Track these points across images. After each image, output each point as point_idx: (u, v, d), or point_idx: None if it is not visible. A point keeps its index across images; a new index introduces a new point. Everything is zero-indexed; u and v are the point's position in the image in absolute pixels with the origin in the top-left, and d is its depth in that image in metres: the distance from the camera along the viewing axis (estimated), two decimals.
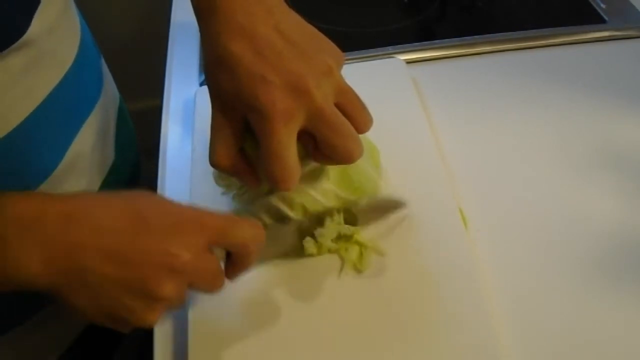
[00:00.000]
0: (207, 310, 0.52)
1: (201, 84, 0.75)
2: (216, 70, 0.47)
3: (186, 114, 0.72)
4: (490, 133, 0.68)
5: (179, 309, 0.49)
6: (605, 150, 0.65)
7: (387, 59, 0.74)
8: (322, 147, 0.47)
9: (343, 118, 0.47)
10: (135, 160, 0.78)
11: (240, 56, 0.45)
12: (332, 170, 0.53)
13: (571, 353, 0.50)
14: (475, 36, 0.79)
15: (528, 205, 0.60)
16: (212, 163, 0.49)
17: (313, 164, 0.51)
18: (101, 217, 0.42)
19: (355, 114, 0.48)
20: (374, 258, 0.54)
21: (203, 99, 0.53)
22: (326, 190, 0.53)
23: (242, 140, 0.49)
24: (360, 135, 0.49)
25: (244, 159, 0.50)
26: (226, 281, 0.47)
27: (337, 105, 0.47)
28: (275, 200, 0.52)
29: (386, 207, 0.56)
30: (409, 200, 0.56)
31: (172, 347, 0.52)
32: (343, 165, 0.51)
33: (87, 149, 0.62)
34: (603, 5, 0.83)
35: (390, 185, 0.58)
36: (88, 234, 0.41)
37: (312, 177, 0.53)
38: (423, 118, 0.66)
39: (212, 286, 0.46)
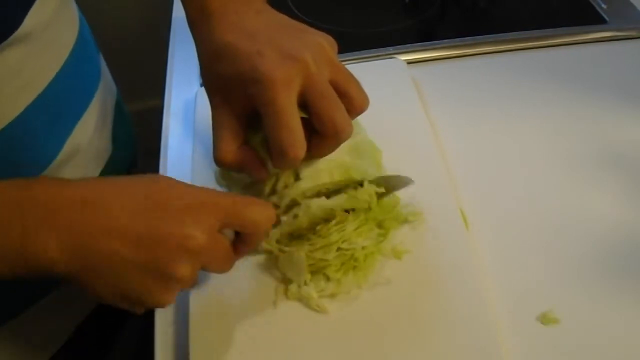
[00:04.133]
0: (208, 310, 0.52)
1: (202, 85, 0.75)
2: (214, 62, 0.49)
3: (187, 114, 0.72)
4: (491, 133, 0.68)
5: (190, 288, 0.50)
6: (605, 150, 0.65)
7: (387, 60, 0.74)
8: (313, 119, 0.48)
9: (334, 93, 0.48)
10: (132, 153, 0.78)
11: (236, 43, 0.48)
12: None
13: (571, 353, 0.50)
14: (476, 36, 0.79)
15: (528, 205, 0.60)
16: (217, 160, 0.50)
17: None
18: (116, 200, 0.42)
19: (351, 91, 0.49)
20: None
21: (204, 99, 0.53)
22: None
23: (244, 135, 0.50)
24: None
25: (250, 150, 0.50)
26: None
27: (332, 83, 0.48)
28: (277, 199, 0.53)
29: (393, 184, 0.55)
30: (411, 200, 0.56)
31: (172, 347, 0.53)
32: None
33: (85, 141, 0.63)
34: (604, 6, 0.83)
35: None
36: (103, 217, 0.42)
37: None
38: (424, 118, 0.66)
39: (223, 266, 0.47)
